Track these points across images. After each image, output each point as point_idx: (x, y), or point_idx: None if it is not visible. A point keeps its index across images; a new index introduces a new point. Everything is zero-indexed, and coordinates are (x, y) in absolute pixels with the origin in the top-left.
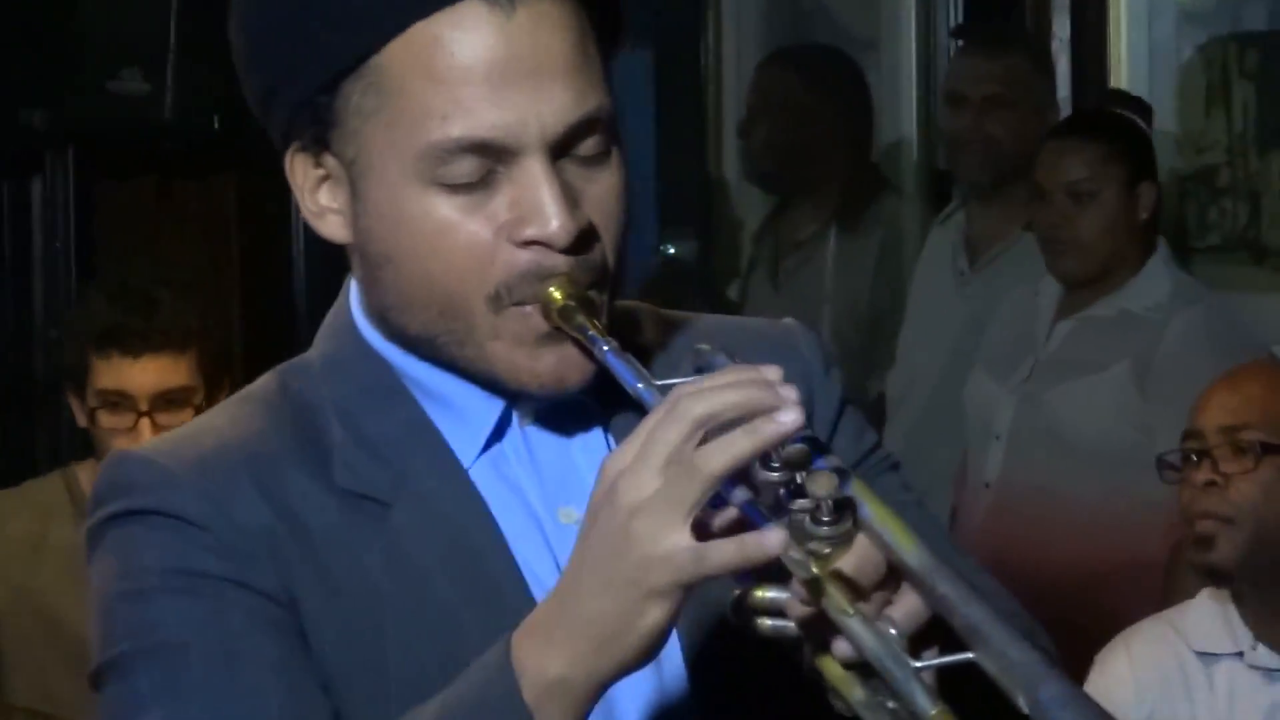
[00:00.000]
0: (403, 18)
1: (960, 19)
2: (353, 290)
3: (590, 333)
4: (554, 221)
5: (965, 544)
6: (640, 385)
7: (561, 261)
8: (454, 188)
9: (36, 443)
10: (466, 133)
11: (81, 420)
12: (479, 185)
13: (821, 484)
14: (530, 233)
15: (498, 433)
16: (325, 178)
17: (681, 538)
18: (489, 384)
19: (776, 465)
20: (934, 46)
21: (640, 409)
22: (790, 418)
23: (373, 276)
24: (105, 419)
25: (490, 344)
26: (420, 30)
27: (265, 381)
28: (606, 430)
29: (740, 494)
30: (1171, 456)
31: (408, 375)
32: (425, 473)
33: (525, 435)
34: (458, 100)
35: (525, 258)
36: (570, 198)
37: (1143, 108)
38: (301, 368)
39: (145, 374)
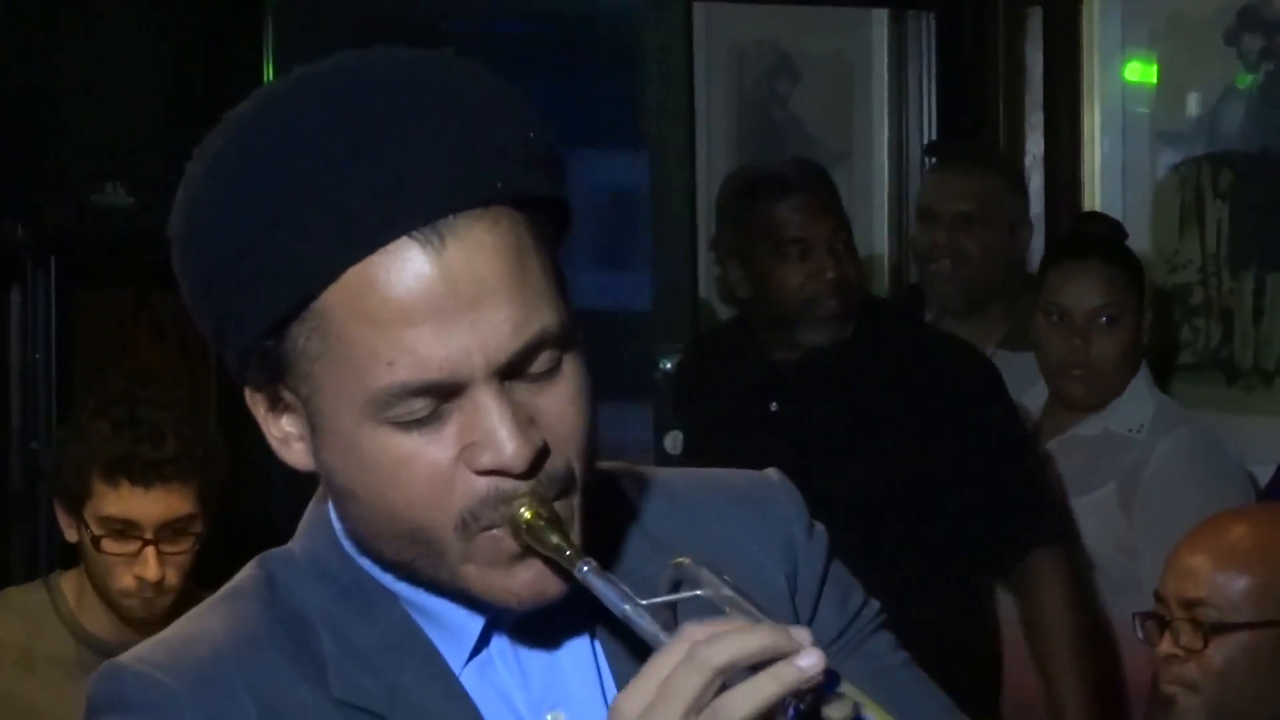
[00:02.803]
0: (337, 262)
1: (933, 133)
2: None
3: (567, 553)
4: (508, 448)
5: None
6: (628, 608)
7: (523, 485)
8: (406, 424)
9: (11, 552)
10: (412, 378)
11: (71, 535)
12: (430, 419)
13: (837, 709)
14: (486, 461)
15: (483, 639)
16: (286, 408)
17: None
18: (468, 602)
19: (791, 698)
20: (906, 160)
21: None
22: (811, 662)
23: (342, 507)
24: (110, 545)
25: (463, 567)
26: (356, 273)
27: (252, 577)
28: (591, 634)
29: None
30: (1146, 618)
31: (388, 587)
32: (418, 683)
33: (510, 642)
34: (400, 344)
35: (485, 484)
36: (523, 418)
37: (1120, 230)
38: (285, 561)
39: (154, 504)
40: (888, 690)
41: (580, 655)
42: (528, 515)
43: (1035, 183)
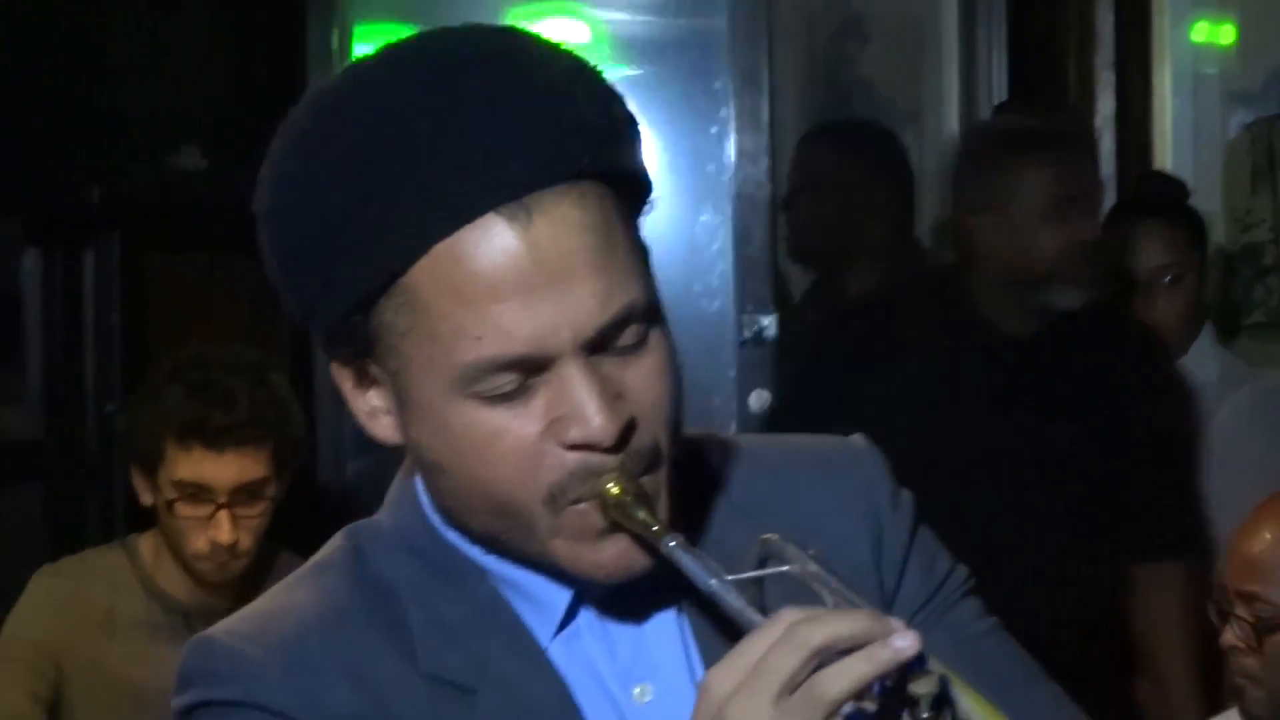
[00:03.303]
0: (425, 238)
1: (1003, 92)
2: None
3: (654, 528)
4: (595, 421)
5: None
6: (714, 583)
7: (611, 459)
8: (494, 399)
9: (88, 514)
10: (500, 352)
11: (145, 499)
12: (518, 393)
13: (924, 684)
14: (574, 435)
15: (570, 612)
16: (373, 381)
17: None
18: (556, 575)
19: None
20: (976, 119)
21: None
22: (907, 643)
23: (430, 481)
24: (184, 509)
25: (552, 542)
26: (444, 249)
27: (339, 549)
28: (678, 608)
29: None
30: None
31: (475, 559)
32: (506, 656)
33: (597, 615)
34: (487, 319)
35: (573, 458)
36: (611, 393)
37: (1182, 189)
38: (373, 534)
39: (227, 468)
40: (972, 658)
41: (667, 629)
42: (615, 491)
43: (1106, 143)
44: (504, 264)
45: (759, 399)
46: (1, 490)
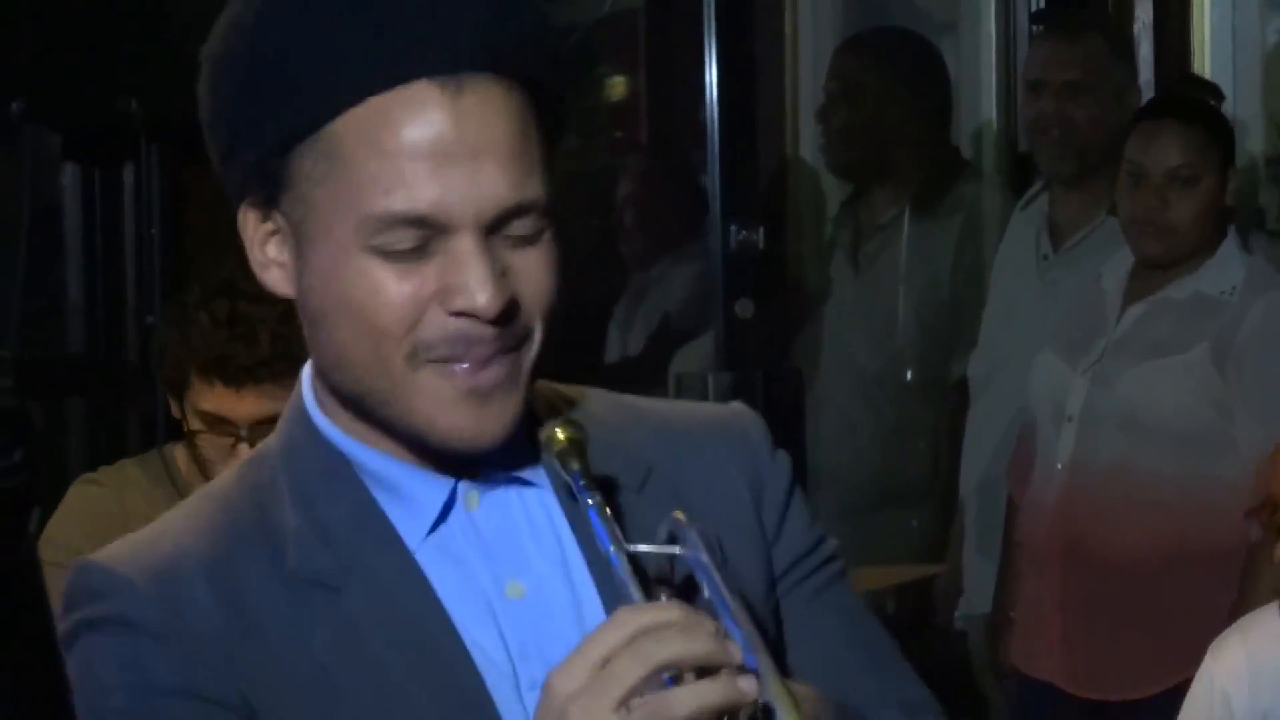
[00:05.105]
0: (356, 92)
1: (1040, 2)
2: (305, 377)
3: (582, 482)
4: (481, 296)
5: (1037, 527)
6: (613, 549)
7: (487, 331)
8: (390, 254)
9: (128, 426)
10: (406, 207)
11: (176, 412)
12: (413, 253)
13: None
14: (459, 303)
15: (443, 514)
16: (274, 233)
17: None
18: (418, 447)
19: None
20: (1014, 29)
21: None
22: (751, 687)
23: (313, 334)
24: (205, 440)
25: (410, 400)
26: (374, 104)
27: (225, 477)
28: (552, 512)
29: None
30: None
31: (356, 461)
32: (373, 556)
33: (471, 516)
34: (400, 175)
35: (452, 324)
36: (499, 272)
37: (1217, 93)
38: (261, 458)
39: (247, 404)
40: (832, 632)
41: (541, 529)
42: (562, 436)
43: (1144, 49)
44: (427, 128)
45: (743, 307)
46: (45, 405)
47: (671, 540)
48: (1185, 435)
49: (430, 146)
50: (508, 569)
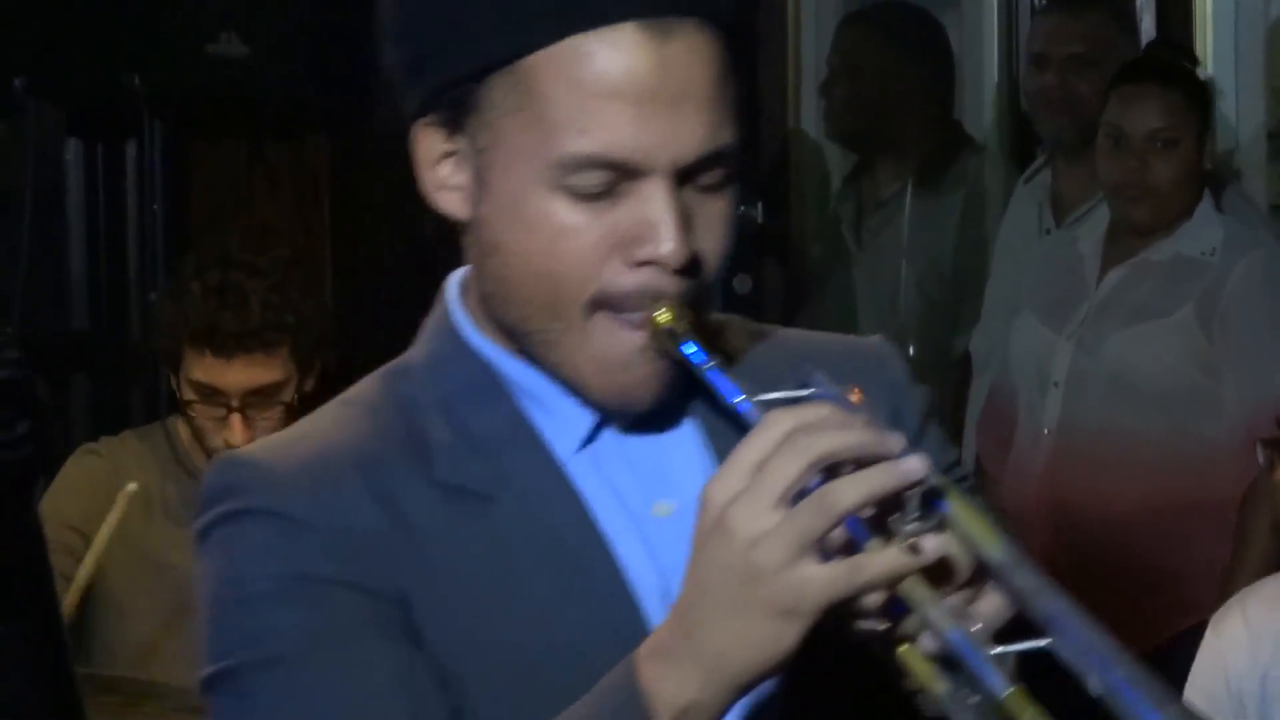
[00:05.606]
0: (562, 28)
1: None
2: (451, 290)
3: (697, 348)
4: (668, 244)
5: (1025, 491)
6: (743, 398)
7: (670, 283)
8: (578, 196)
9: (132, 402)
10: (602, 149)
11: (174, 383)
12: (602, 196)
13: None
14: (645, 253)
15: (592, 432)
16: (450, 154)
17: (811, 566)
18: (574, 392)
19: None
20: (1016, 3)
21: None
22: (917, 464)
23: (480, 260)
24: (198, 410)
25: (579, 352)
26: (577, 42)
27: (367, 384)
28: (704, 432)
29: None
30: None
31: (506, 374)
32: (525, 469)
33: (620, 434)
34: (599, 116)
35: (635, 275)
36: (686, 223)
37: (1192, 57)
38: (403, 369)
39: (237, 374)
40: None
41: (687, 448)
42: (668, 316)
43: (1147, 23)
44: (630, 71)
45: (741, 283)
46: (48, 381)
47: (801, 388)
48: (1173, 396)
49: (634, 90)
50: (656, 489)
